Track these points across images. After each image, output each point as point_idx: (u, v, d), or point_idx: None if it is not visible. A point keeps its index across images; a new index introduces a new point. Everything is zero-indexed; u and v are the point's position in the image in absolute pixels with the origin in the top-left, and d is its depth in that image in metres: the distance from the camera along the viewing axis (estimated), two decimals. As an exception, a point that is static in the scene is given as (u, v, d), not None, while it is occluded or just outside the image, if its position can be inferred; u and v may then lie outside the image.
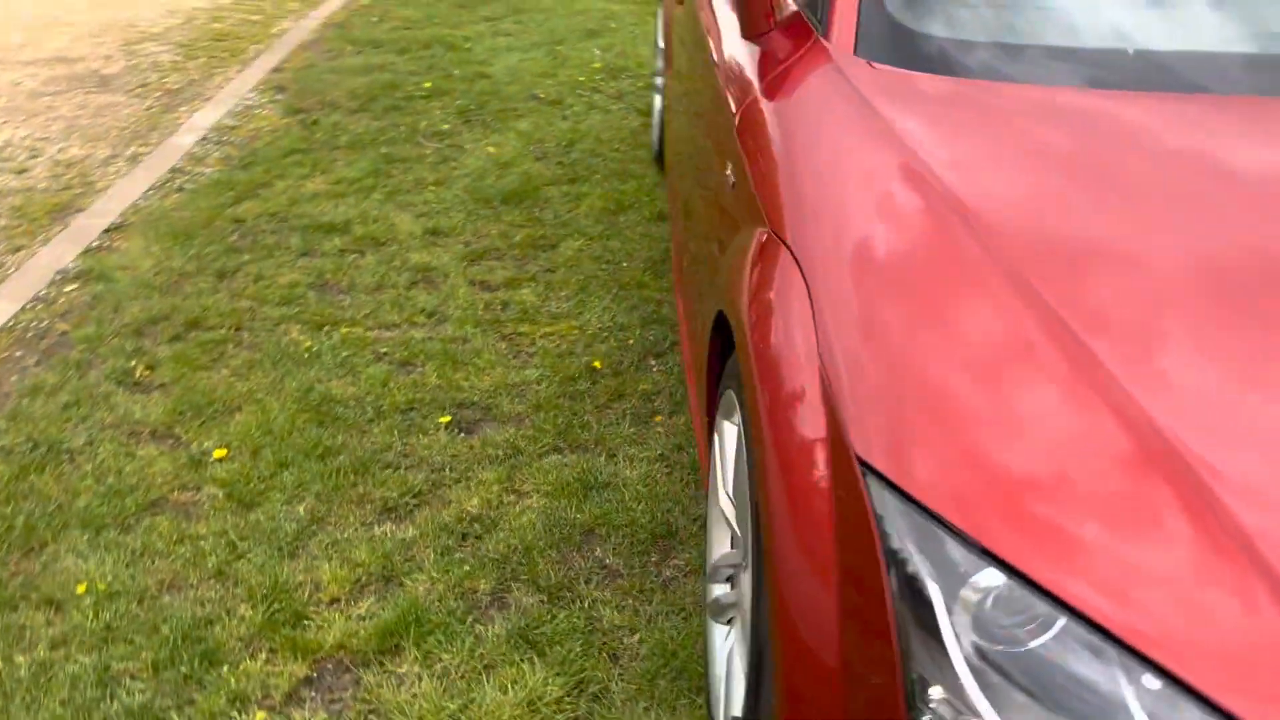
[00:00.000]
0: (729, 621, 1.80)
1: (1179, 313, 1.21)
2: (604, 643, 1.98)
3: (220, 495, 2.36)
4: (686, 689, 1.88)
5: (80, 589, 2.10)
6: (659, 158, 3.97)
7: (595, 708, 1.85)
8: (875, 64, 1.72)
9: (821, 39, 1.83)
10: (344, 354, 2.89)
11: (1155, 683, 0.94)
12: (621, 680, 1.90)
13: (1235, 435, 1.07)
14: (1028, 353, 1.17)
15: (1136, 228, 1.32)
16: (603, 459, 2.48)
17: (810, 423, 1.25)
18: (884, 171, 1.49)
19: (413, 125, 4.55)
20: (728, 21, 2.25)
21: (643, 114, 4.65)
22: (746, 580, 1.55)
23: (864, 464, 1.14)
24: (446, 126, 4.54)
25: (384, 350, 2.92)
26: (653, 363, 2.87)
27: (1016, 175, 1.44)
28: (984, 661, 1.01)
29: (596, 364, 2.84)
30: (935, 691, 1.03)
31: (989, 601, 1.03)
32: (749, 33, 2.02)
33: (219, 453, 2.49)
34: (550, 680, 1.89)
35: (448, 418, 2.63)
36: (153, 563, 2.17)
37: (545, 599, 2.08)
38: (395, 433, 2.57)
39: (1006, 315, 1.21)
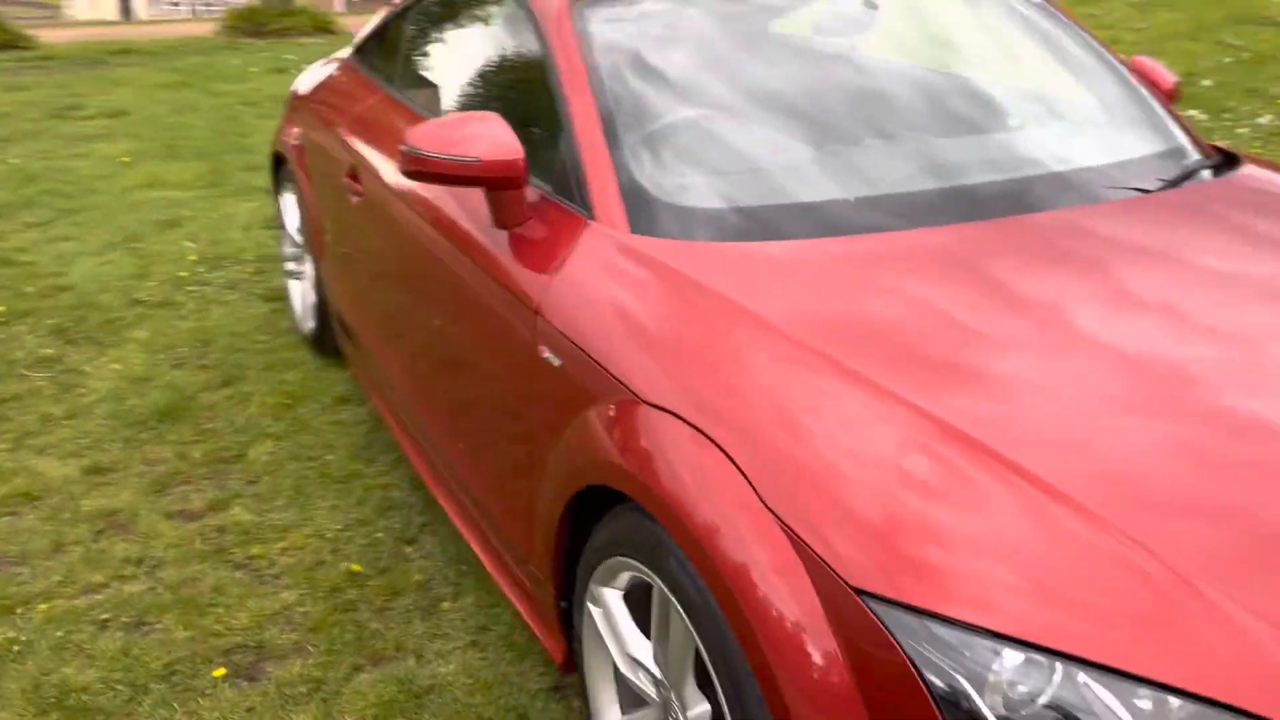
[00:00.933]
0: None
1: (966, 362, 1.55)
2: None
3: (-13, 846, 1.95)
4: None
5: None
6: (317, 340, 3.87)
7: None
8: (656, 238, 1.93)
9: (593, 222, 2.00)
10: (58, 634, 2.49)
11: (1146, 702, 1.19)
12: None
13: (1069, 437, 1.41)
14: (931, 445, 1.41)
15: (926, 328, 1.64)
16: (413, 662, 2.39)
17: (788, 572, 1.38)
18: (726, 322, 1.68)
19: (4, 357, 4.02)
20: (457, 212, 2.34)
21: (268, 299, 4.50)
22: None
23: (865, 593, 1.30)
24: (50, 351, 4.06)
25: (105, 616, 2.56)
26: (409, 550, 2.81)
27: (831, 311, 1.70)
28: None
29: (355, 568, 2.72)
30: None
31: (1006, 676, 1.23)
32: (505, 222, 2.14)
33: (-43, 796, 2.05)
34: None
35: (222, 670, 2.37)
36: None
37: (432, 826, 1.97)
38: (169, 704, 2.28)
39: (889, 413, 1.46)
